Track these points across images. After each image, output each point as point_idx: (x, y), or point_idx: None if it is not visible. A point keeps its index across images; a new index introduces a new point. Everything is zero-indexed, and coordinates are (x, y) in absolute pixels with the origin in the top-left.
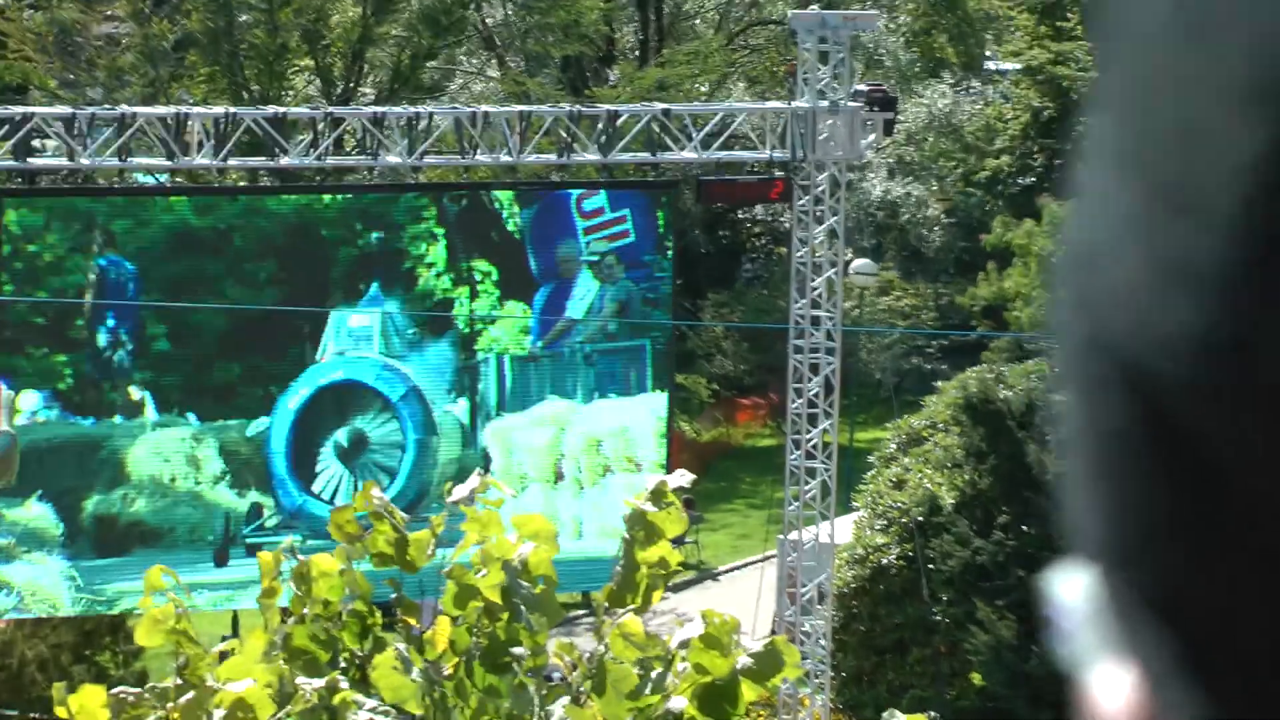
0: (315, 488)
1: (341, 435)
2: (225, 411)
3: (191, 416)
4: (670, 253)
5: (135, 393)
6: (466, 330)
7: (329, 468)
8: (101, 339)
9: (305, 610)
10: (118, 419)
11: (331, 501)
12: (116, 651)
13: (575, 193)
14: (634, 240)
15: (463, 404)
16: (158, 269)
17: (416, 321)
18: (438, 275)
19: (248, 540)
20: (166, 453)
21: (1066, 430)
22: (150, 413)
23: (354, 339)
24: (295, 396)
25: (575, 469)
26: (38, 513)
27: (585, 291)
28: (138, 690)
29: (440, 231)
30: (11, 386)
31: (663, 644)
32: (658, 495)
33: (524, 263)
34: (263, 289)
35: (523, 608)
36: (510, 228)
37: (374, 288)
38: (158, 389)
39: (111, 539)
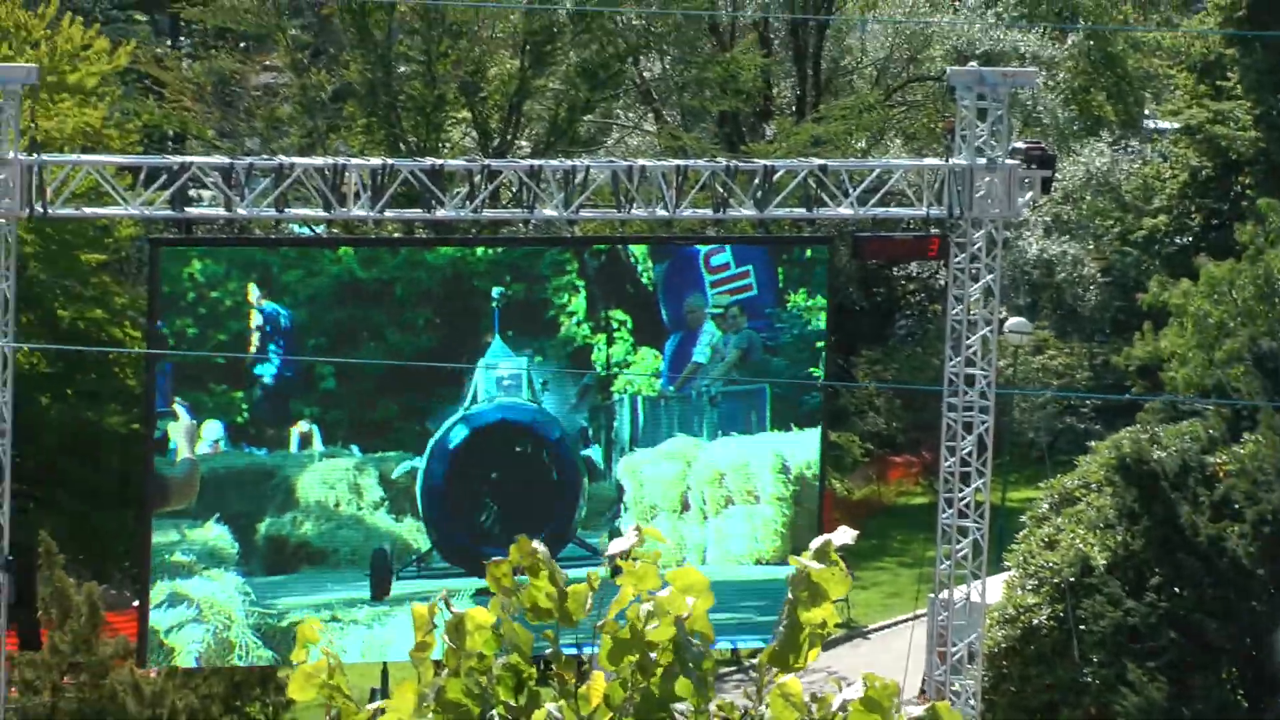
0: (473, 523)
1: (499, 473)
2: (384, 445)
3: (354, 448)
4: (822, 307)
5: (304, 426)
6: (604, 374)
7: (486, 504)
8: (269, 377)
9: (459, 664)
10: (290, 449)
11: (489, 536)
12: (266, 703)
13: (704, 249)
14: (755, 294)
15: (599, 442)
16: (326, 315)
17: (559, 366)
18: (578, 323)
19: (401, 576)
20: (331, 480)
21: None
22: (317, 444)
23: (502, 384)
24: (454, 436)
25: (699, 500)
26: (216, 533)
27: (709, 339)
28: None
29: (581, 284)
30: (194, 418)
31: (825, 706)
32: (822, 554)
33: (656, 313)
34: (420, 334)
35: (690, 664)
36: (644, 280)
37: (518, 336)
38: (324, 423)
39: (281, 558)
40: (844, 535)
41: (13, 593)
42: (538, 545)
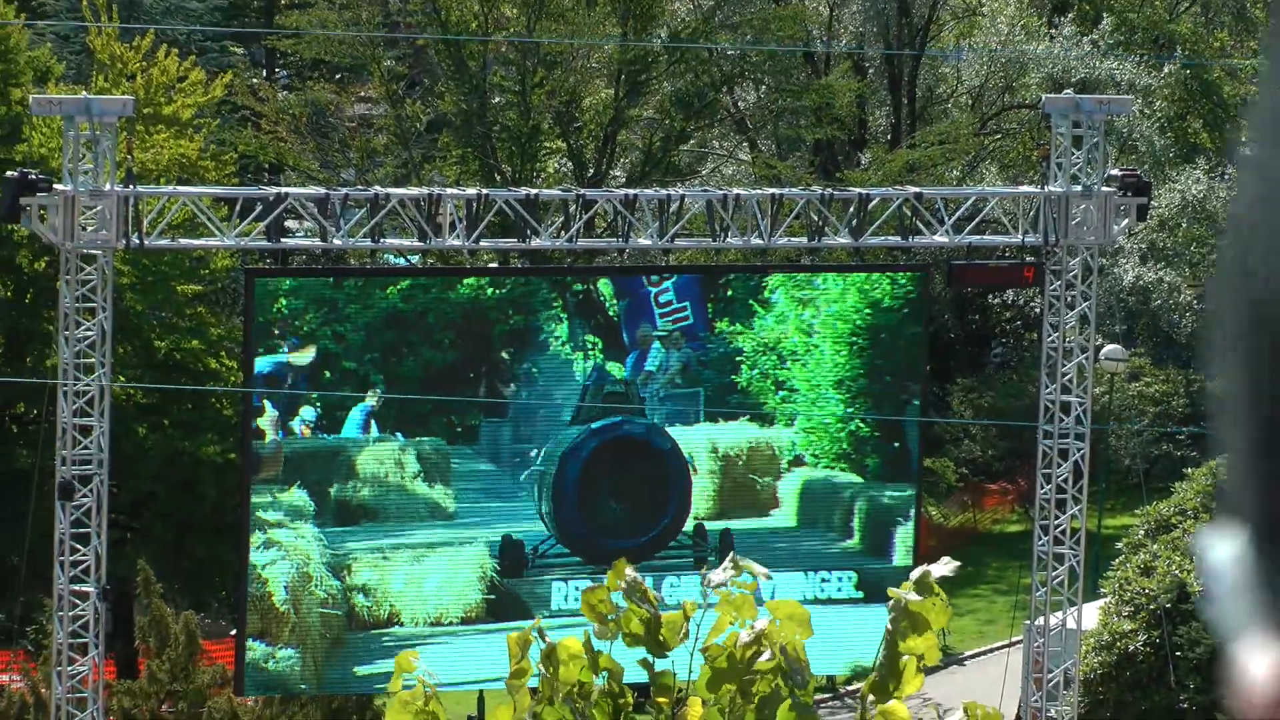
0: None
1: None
2: (421, 432)
3: (399, 435)
4: (918, 332)
5: (367, 406)
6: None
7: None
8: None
9: (553, 691)
10: (353, 434)
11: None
12: None
13: (654, 290)
14: (691, 322)
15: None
16: (380, 336)
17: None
18: (561, 344)
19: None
20: (382, 458)
21: (1229, 400)
22: (373, 431)
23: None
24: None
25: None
26: (297, 496)
27: (657, 355)
28: None
29: (564, 315)
30: (279, 410)
31: None
32: (923, 585)
33: (619, 336)
34: (446, 352)
35: (797, 692)
36: (610, 313)
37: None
38: (377, 417)
39: (346, 513)
40: (944, 567)
41: (110, 621)
42: (631, 571)
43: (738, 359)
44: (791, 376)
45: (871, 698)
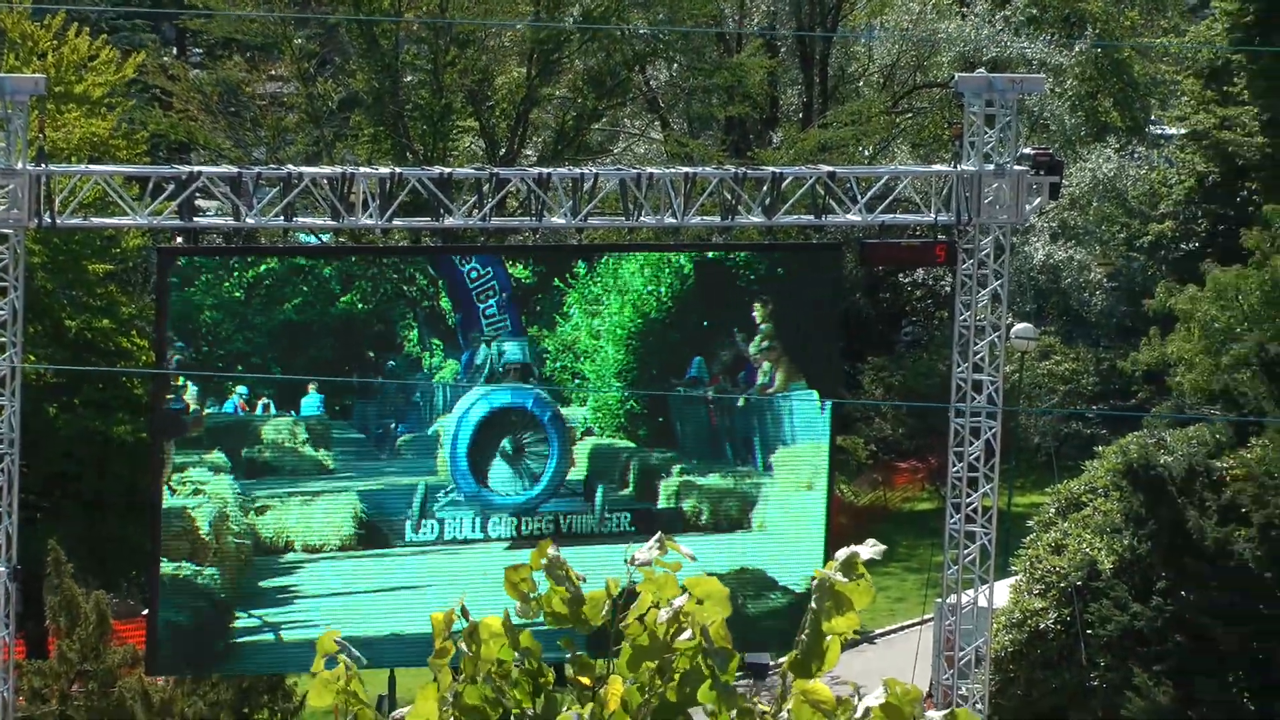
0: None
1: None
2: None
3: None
4: (835, 311)
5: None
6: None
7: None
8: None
9: (475, 670)
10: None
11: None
12: (274, 709)
13: (480, 306)
14: (510, 328)
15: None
16: (278, 340)
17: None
18: (413, 345)
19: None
20: (280, 428)
21: None
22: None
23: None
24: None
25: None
26: (216, 456)
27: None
28: None
29: (415, 324)
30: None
31: (849, 708)
32: (849, 566)
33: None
34: (326, 351)
35: (717, 671)
36: (450, 323)
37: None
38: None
39: (253, 469)
40: (870, 549)
41: (20, 601)
42: (554, 550)
43: (544, 356)
44: (583, 369)
45: (792, 676)
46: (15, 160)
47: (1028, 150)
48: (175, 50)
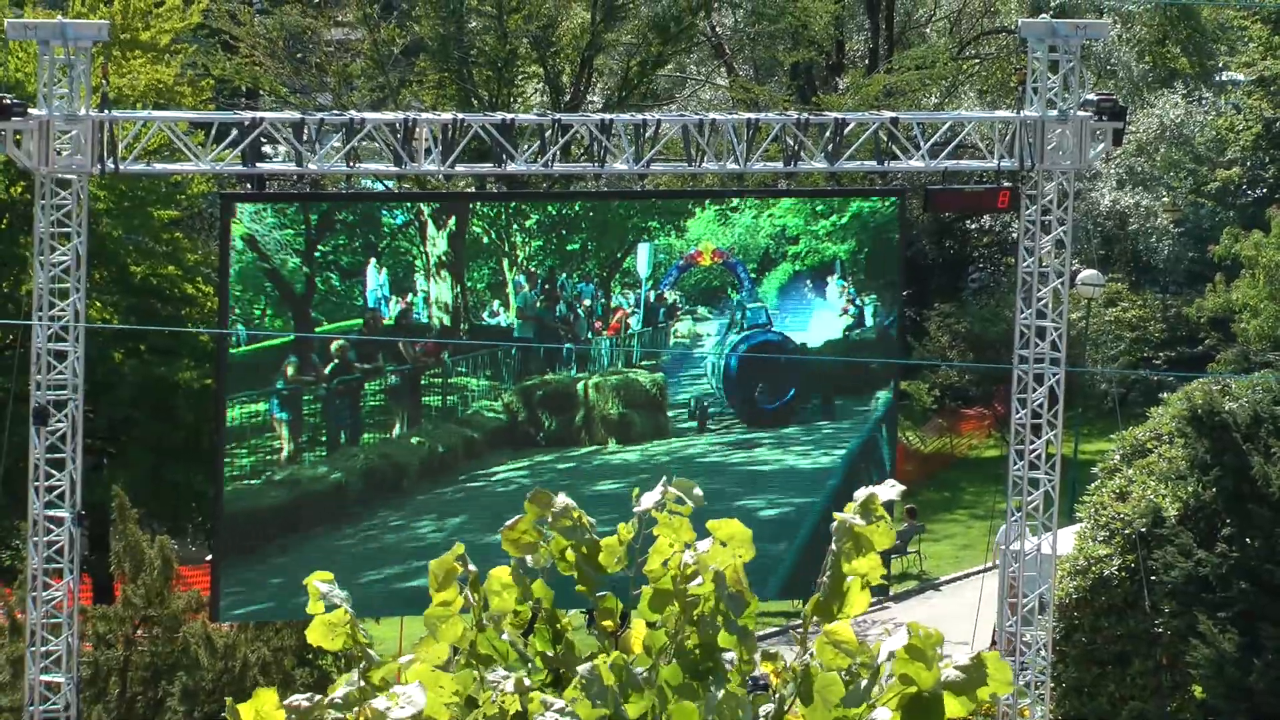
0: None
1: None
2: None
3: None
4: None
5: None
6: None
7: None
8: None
9: (484, 618)
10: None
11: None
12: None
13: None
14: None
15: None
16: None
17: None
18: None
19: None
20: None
21: None
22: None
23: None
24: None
25: None
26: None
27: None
28: (313, 697)
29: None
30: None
31: (870, 652)
32: (866, 508)
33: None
34: None
35: (733, 615)
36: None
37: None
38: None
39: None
40: (889, 490)
41: (85, 546)
42: (562, 498)
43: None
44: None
45: (816, 618)
46: (79, 107)
47: (1091, 96)
48: None
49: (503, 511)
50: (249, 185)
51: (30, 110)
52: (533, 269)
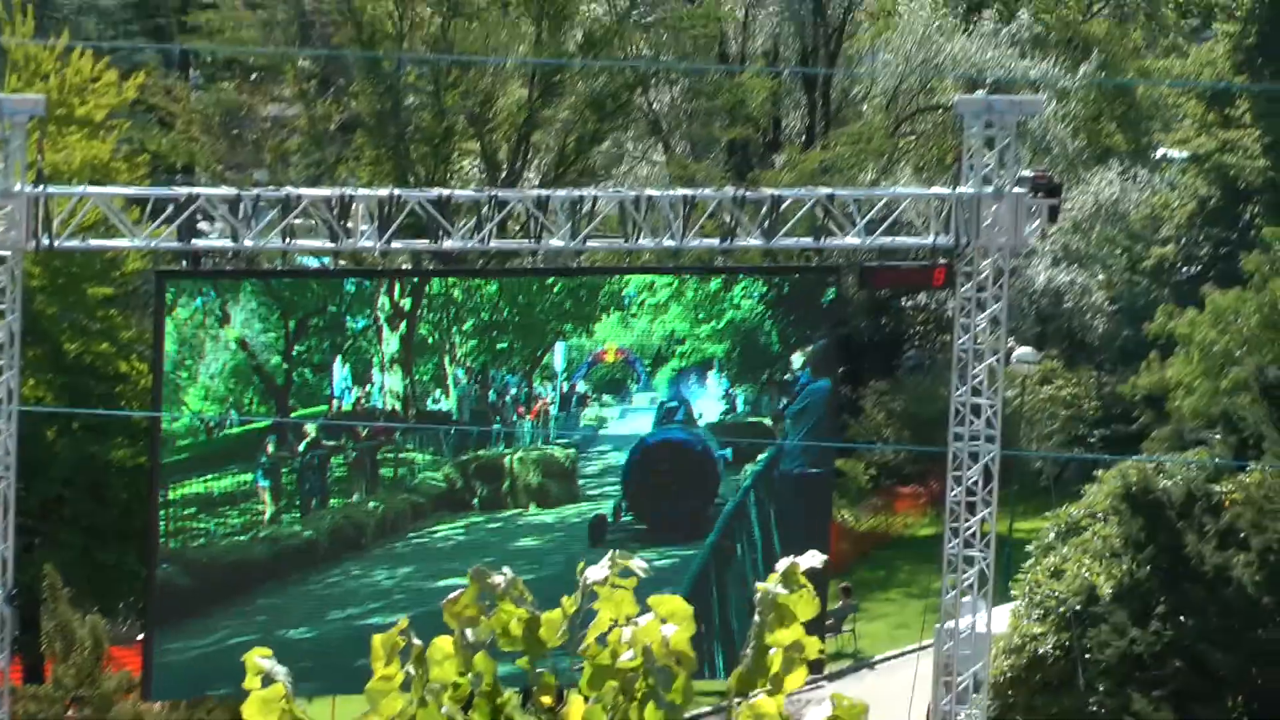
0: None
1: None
2: None
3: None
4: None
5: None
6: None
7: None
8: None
9: (424, 693)
10: None
11: None
12: None
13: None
14: None
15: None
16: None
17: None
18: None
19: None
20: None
21: None
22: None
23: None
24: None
25: None
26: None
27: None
28: None
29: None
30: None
31: None
32: (789, 578)
33: None
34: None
35: (660, 690)
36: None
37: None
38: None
39: None
40: (812, 559)
41: (17, 625)
42: (505, 572)
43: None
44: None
45: (736, 694)
46: (14, 182)
47: (1027, 173)
48: (177, 72)
49: (443, 562)
50: (184, 261)
51: None
52: (469, 364)
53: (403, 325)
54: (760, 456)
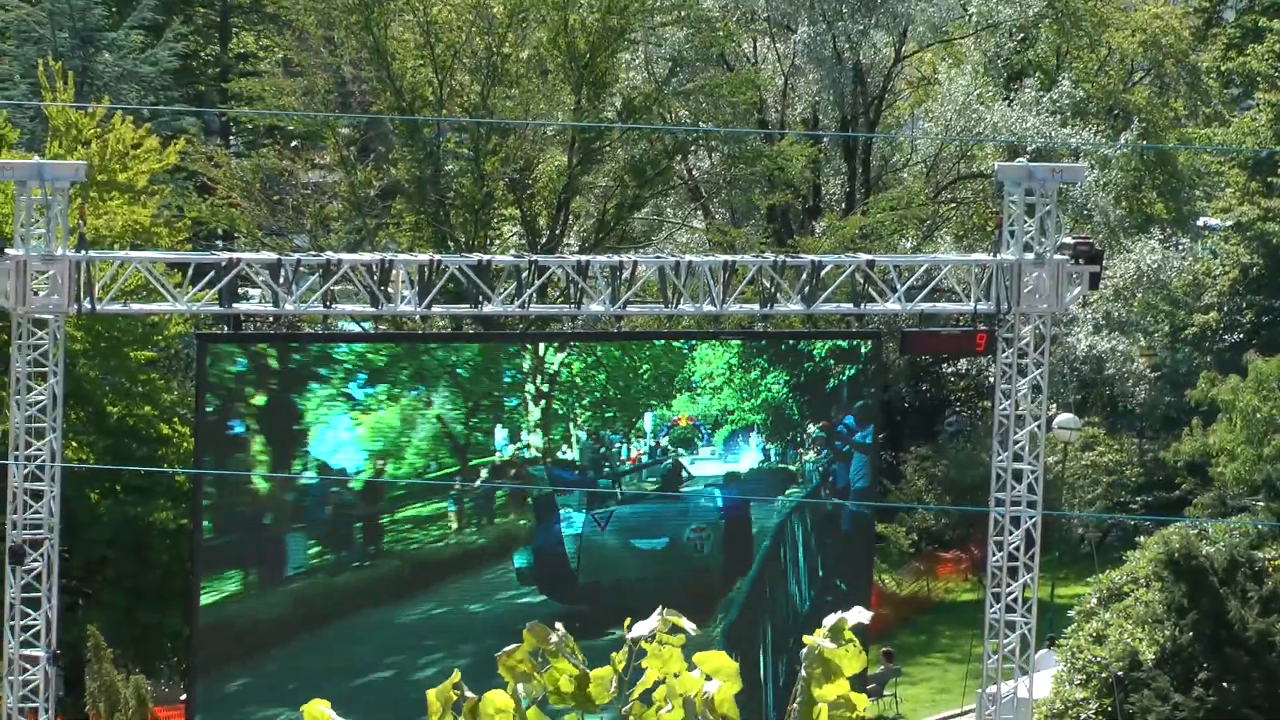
0: None
1: None
2: None
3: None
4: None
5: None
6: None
7: None
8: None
9: None
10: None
11: None
12: None
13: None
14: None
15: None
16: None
17: None
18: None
19: None
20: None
21: None
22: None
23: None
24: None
25: None
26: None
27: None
28: None
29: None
30: None
31: None
32: (836, 632)
33: None
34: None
35: None
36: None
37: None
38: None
39: None
40: (858, 615)
41: (60, 686)
42: (559, 629)
43: None
44: None
45: None
46: (56, 247)
47: (1068, 239)
48: (218, 139)
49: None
50: (225, 326)
51: (7, 250)
52: (587, 428)
53: (543, 402)
54: (790, 491)
